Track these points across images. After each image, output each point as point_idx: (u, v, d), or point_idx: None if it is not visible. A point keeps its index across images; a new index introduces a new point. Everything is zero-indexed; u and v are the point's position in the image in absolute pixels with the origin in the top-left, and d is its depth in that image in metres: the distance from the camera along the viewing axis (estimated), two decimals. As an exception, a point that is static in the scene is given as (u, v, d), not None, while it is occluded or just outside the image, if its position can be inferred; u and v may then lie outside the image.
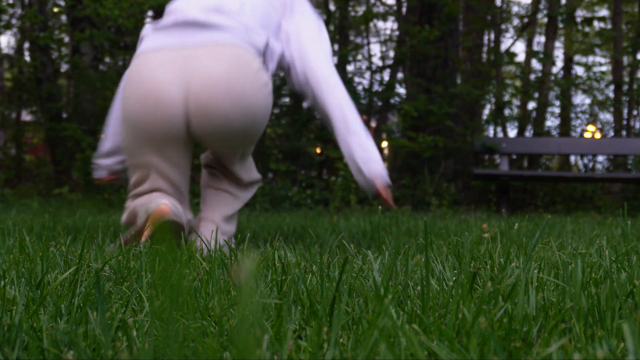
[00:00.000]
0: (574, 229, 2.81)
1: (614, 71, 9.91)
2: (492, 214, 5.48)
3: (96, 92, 7.85)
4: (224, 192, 2.20)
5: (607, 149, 6.71)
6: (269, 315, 0.92)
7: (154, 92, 1.91)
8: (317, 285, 1.12)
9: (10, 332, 0.77)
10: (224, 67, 1.93)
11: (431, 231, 2.55)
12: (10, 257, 1.46)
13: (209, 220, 2.12)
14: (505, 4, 9.87)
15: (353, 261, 1.47)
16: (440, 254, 1.50)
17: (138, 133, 1.96)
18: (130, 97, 1.97)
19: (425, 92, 7.29)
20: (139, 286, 1.05)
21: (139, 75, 1.96)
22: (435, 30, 6.89)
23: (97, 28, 7.76)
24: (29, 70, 9.10)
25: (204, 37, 1.98)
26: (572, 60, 13.14)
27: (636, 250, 1.52)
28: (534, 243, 1.09)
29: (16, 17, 9.58)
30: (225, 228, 2.13)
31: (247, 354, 0.47)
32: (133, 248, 1.61)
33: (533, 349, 0.75)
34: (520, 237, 2.08)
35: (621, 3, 9.17)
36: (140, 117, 1.93)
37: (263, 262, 1.40)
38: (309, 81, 2.11)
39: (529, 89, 8.70)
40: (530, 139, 7.02)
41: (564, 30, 12.70)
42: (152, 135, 1.94)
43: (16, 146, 9.60)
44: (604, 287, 1.01)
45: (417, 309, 0.88)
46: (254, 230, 2.80)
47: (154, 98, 1.91)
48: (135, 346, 0.74)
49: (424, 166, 7.07)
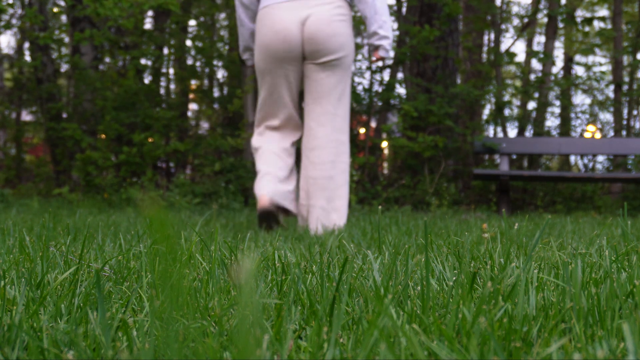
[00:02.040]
0: (574, 229, 2.81)
1: (614, 71, 9.90)
2: (492, 214, 5.48)
3: (96, 92, 7.86)
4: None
5: (607, 149, 6.71)
6: (269, 315, 0.92)
7: (284, 29, 2.95)
8: (317, 285, 1.12)
9: (10, 332, 0.77)
10: (325, 15, 2.96)
11: (431, 231, 2.55)
12: (10, 257, 1.46)
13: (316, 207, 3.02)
14: (505, 4, 9.87)
15: (353, 261, 1.47)
16: (440, 254, 1.50)
17: (270, 55, 3.00)
18: (267, 32, 2.99)
19: (425, 92, 7.29)
20: (139, 286, 1.05)
21: (272, 19, 2.98)
22: (435, 30, 6.89)
23: (97, 28, 7.76)
24: (29, 70, 9.11)
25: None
26: (572, 60, 13.14)
27: (636, 250, 1.52)
28: (534, 243, 1.09)
29: (16, 17, 9.58)
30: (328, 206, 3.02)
31: (247, 354, 0.47)
32: (133, 248, 1.61)
33: (533, 349, 0.75)
34: (520, 237, 2.08)
35: (621, 3, 9.17)
36: (273, 44, 2.98)
37: (263, 262, 1.40)
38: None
39: (529, 89, 8.70)
40: (530, 139, 7.02)
41: (564, 30, 12.71)
42: (281, 56, 2.99)
43: (16, 146, 9.61)
44: (604, 287, 1.01)
45: (417, 309, 0.88)
46: (255, 230, 2.80)
47: (283, 33, 2.95)
48: (135, 346, 0.74)
49: (424, 166, 7.07)
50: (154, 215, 0.47)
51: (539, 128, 8.52)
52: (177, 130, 8.27)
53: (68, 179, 7.90)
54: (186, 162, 8.91)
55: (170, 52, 9.55)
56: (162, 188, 7.16)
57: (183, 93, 9.59)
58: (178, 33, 8.79)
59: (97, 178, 6.77)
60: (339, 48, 3.00)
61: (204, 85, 9.85)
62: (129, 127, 7.56)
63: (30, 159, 9.69)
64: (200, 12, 9.65)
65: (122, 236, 1.99)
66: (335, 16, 2.97)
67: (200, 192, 6.38)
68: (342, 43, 3.00)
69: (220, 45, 9.35)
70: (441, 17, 7.17)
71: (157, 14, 9.29)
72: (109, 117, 7.25)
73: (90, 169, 6.77)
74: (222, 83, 9.75)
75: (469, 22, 9.08)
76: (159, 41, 8.54)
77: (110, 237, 2.09)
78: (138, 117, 7.35)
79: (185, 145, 7.17)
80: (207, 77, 9.76)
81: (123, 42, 8.49)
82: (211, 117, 9.74)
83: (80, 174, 6.87)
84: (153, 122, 7.33)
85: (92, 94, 7.97)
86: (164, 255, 0.48)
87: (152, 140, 7.13)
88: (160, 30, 8.88)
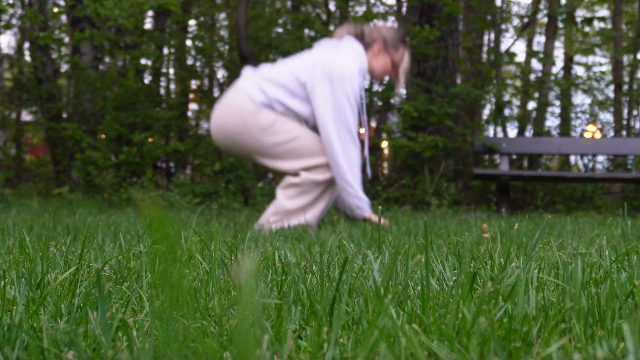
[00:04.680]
0: (574, 229, 2.81)
1: (614, 71, 9.90)
2: (492, 214, 5.48)
3: (96, 92, 7.86)
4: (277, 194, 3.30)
5: (607, 149, 6.71)
6: (269, 315, 0.92)
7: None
8: (317, 285, 1.12)
9: (10, 332, 0.77)
10: (225, 100, 3.28)
11: (431, 231, 2.55)
12: (10, 257, 1.46)
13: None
14: (505, 4, 9.87)
15: (353, 261, 1.47)
16: (440, 254, 1.50)
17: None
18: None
19: (425, 92, 7.28)
20: (139, 286, 1.05)
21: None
22: (435, 30, 6.89)
23: (97, 28, 7.76)
24: (29, 70, 9.11)
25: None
26: (572, 60, 13.13)
27: (636, 250, 1.52)
28: (534, 243, 1.09)
29: (16, 17, 9.58)
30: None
31: (247, 354, 0.47)
32: (133, 248, 1.61)
33: (533, 349, 0.75)
34: (520, 237, 2.08)
35: (621, 3, 9.17)
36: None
37: (263, 262, 1.40)
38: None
39: (529, 89, 8.70)
40: (530, 139, 7.01)
41: (564, 30, 12.70)
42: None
43: (16, 146, 9.61)
44: (604, 287, 1.01)
45: (417, 309, 0.88)
46: (254, 230, 2.80)
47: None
48: (135, 346, 0.74)
49: (424, 166, 7.07)
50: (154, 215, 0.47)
51: (539, 128, 8.52)
52: (177, 130, 8.27)
53: (68, 179, 7.90)
54: (186, 162, 8.91)
55: (170, 52, 9.55)
56: (162, 188, 7.16)
57: (183, 93, 9.59)
58: (178, 33, 8.79)
59: (97, 178, 6.76)
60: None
61: (204, 85, 9.85)
62: (129, 127, 7.56)
63: (30, 159, 9.69)
64: (200, 12, 9.65)
65: (122, 236, 1.99)
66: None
67: (200, 192, 6.38)
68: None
69: (220, 45, 9.35)
70: (441, 17, 7.17)
71: (157, 14, 9.28)
72: (109, 117, 7.25)
73: (90, 169, 6.77)
74: (222, 83, 9.75)
75: (469, 22, 9.08)
76: (159, 41, 8.54)
77: (110, 237, 2.09)
78: (138, 117, 7.35)
79: (185, 145, 7.17)
80: (207, 77, 9.76)
81: (123, 42, 8.49)
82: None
83: (80, 174, 6.87)
84: (153, 122, 7.33)
85: (92, 94, 7.97)
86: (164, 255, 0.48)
87: (152, 140, 7.13)
88: (160, 30, 8.88)
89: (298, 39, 7.78)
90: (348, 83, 3.13)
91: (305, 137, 3.20)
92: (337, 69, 3.14)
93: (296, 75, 3.17)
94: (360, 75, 3.24)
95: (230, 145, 3.25)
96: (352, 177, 3.16)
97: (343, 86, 3.13)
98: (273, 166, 3.24)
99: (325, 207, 3.29)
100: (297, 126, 3.20)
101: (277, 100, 3.16)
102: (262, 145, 3.17)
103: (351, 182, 3.16)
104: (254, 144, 3.18)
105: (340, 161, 3.13)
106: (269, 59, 8.55)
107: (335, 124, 3.12)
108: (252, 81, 3.20)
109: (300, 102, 3.19)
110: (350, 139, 3.16)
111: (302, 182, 3.19)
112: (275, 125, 3.15)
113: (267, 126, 3.15)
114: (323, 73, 3.13)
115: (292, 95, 3.18)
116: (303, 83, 3.17)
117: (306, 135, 3.21)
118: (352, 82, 3.15)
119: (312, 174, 3.20)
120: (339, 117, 3.13)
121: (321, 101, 3.12)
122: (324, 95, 3.12)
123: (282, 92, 3.17)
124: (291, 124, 3.19)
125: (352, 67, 3.18)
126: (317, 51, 3.29)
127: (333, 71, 3.13)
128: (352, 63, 3.19)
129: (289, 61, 3.29)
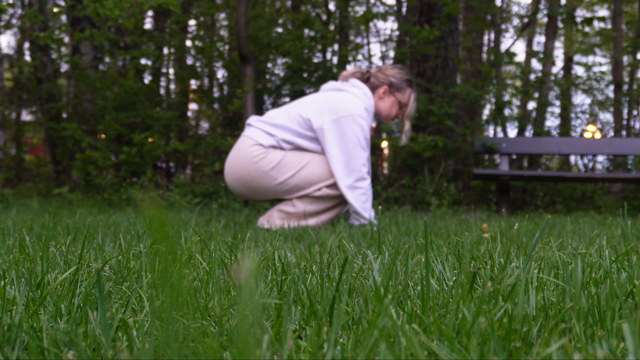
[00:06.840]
0: (574, 229, 2.81)
1: (614, 71, 9.90)
2: (492, 214, 5.48)
3: (96, 92, 7.86)
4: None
5: (607, 149, 6.71)
6: (269, 315, 0.92)
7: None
8: (317, 285, 1.12)
9: (10, 332, 0.77)
10: (234, 150, 3.37)
11: (431, 231, 2.55)
12: (10, 257, 1.46)
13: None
14: (505, 4, 9.87)
15: (353, 261, 1.47)
16: (440, 254, 1.50)
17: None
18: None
19: (425, 92, 7.28)
20: (139, 286, 1.05)
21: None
22: (435, 30, 6.89)
23: (97, 28, 7.76)
24: (29, 70, 9.11)
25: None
26: (572, 60, 13.14)
27: (636, 250, 1.52)
28: (534, 243, 1.09)
29: (16, 17, 9.58)
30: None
31: (247, 354, 0.47)
32: (133, 248, 1.61)
33: (533, 349, 0.75)
34: (520, 237, 2.08)
35: (621, 3, 9.17)
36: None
37: (263, 262, 1.40)
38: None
39: (529, 89, 8.70)
40: (530, 139, 7.01)
41: (564, 30, 12.70)
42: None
43: (16, 146, 9.60)
44: (604, 287, 1.01)
45: (417, 309, 0.88)
46: (254, 230, 2.80)
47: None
48: (135, 346, 0.74)
49: (424, 166, 7.07)
50: (153, 215, 0.47)
51: (539, 128, 8.52)
52: (177, 130, 8.27)
53: (68, 179, 7.90)
54: (186, 162, 8.91)
55: (170, 52, 9.55)
56: (162, 188, 7.16)
57: (183, 93, 9.60)
58: (178, 33, 8.79)
59: (97, 178, 6.76)
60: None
61: (204, 85, 9.85)
62: (129, 127, 7.56)
63: (30, 159, 9.68)
64: (200, 12, 9.65)
65: (122, 236, 1.99)
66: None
67: (200, 192, 6.38)
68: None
69: (220, 45, 9.35)
70: (441, 17, 7.17)
71: (157, 14, 9.29)
72: (109, 117, 7.25)
73: (90, 169, 6.77)
74: (222, 83, 9.75)
75: (469, 22, 9.08)
76: (159, 41, 8.54)
77: (110, 237, 2.09)
78: (138, 117, 7.35)
79: (185, 145, 7.17)
80: (207, 77, 9.76)
81: (123, 42, 8.49)
82: (211, 117, 9.74)
83: (80, 173, 6.87)
84: (153, 122, 7.33)
85: (92, 94, 7.98)
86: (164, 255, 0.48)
87: (152, 140, 7.13)
88: (160, 30, 8.88)
89: (298, 39, 7.78)
90: (357, 123, 3.22)
91: (317, 160, 3.29)
92: (345, 110, 3.21)
93: (304, 118, 3.26)
94: (369, 115, 3.30)
95: (250, 191, 3.33)
96: (363, 211, 3.28)
97: (351, 126, 3.21)
98: (297, 195, 3.32)
99: (337, 215, 3.42)
100: (305, 154, 3.30)
101: (284, 140, 3.26)
102: (278, 181, 3.26)
103: (364, 215, 3.29)
104: (270, 184, 3.27)
105: (352, 200, 3.26)
106: (269, 59, 8.56)
107: (344, 167, 3.24)
108: (258, 128, 3.30)
109: (309, 141, 3.29)
110: (360, 178, 3.27)
111: (321, 195, 3.31)
112: (285, 159, 3.26)
113: (277, 162, 3.25)
114: (331, 114, 3.21)
115: (300, 136, 3.29)
116: (311, 126, 3.26)
117: (317, 159, 3.30)
118: (360, 122, 3.22)
119: (330, 190, 3.31)
120: (349, 158, 3.23)
121: (330, 144, 3.21)
122: (333, 136, 3.21)
123: (289, 134, 3.27)
124: (300, 154, 3.29)
125: (360, 107, 3.25)
126: (324, 94, 3.35)
127: (341, 112, 3.20)
128: (359, 103, 3.26)
129: (294, 105, 3.37)
